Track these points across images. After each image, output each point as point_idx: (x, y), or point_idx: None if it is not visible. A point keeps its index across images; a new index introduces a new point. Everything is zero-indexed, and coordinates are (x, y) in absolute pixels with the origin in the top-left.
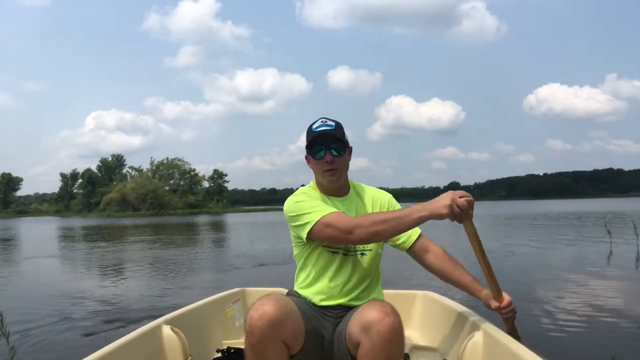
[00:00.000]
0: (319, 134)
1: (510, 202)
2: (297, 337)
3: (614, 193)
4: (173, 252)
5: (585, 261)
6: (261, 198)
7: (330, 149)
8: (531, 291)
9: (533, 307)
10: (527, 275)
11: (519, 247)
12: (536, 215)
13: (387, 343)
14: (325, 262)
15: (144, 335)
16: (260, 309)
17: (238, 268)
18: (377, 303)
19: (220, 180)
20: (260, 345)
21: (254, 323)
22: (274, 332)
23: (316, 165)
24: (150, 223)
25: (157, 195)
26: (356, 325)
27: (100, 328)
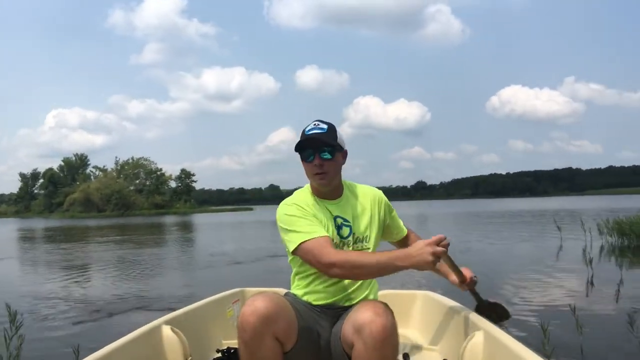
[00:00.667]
0: (308, 137)
1: (475, 200)
2: (289, 332)
3: (573, 192)
4: (145, 252)
5: (536, 255)
6: (229, 198)
7: (319, 153)
8: (486, 282)
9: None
10: (482, 267)
11: (477, 242)
12: (498, 213)
13: (380, 344)
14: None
15: (144, 335)
16: (252, 305)
17: (212, 267)
18: (370, 303)
19: (187, 180)
20: (253, 341)
21: (246, 319)
22: (266, 328)
23: (307, 168)
24: (116, 224)
25: (122, 195)
26: (350, 326)
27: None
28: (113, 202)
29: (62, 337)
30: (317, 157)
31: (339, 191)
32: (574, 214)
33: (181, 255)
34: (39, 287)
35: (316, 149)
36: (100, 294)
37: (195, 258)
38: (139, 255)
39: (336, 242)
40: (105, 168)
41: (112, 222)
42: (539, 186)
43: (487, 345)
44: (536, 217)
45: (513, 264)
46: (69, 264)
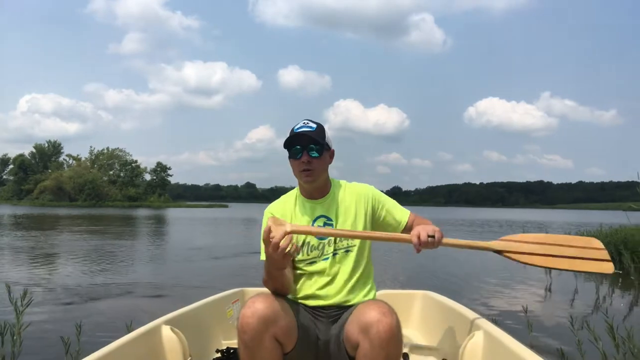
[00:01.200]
0: (297, 134)
1: (448, 208)
2: (289, 334)
3: (543, 204)
4: (119, 243)
5: (502, 264)
6: (204, 194)
7: (308, 150)
8: (454, 286)
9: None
10: (450, 273)
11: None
12: (468, 221)
13: (386, 343)
14: (308, 272)
15: (144, 335)
16: (252, 306)
17: (191, 261)
18: (375, 303)
19: (163, 173)
20: (253, 342)
21: (246, 320)
22: (266, 329)
23: (294, 165)
24: (88, 214)
25: (95, 185)
26: (354, 326)
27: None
28: (86, 192)
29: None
30: (305, 154)
31: (325, 190)
32: (542, 227)
33: (154, 249)
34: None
35: (304, 146)
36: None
37: (168, 252)
38: (113, 246)
39: (313, 244)
40: (79, 157)
41: (84, 212)
42: (510, 197)
43: (487, 344)
44: (505, 228)
45: (480, 271)
46: (42, 252)
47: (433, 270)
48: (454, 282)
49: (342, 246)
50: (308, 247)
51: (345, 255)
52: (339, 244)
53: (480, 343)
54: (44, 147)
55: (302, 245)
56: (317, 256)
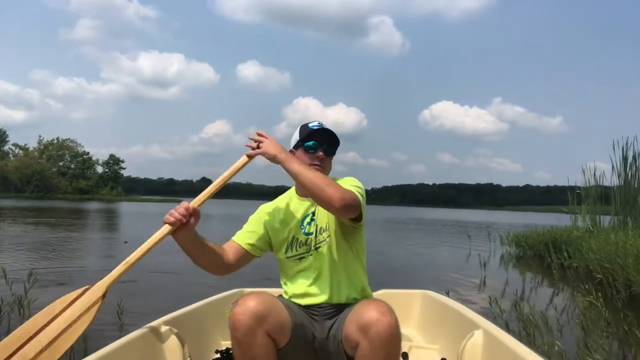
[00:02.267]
0: (317, 130)
1: (402, 207)
2: (282, 330)
3: (492, 206)
4: (67, 236)
5: (446, 257)
6: (157, 188)
7: (324, 148)
8: (402, 276)
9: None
10: (399, 266)
11: (397, 246)
12: (420, 220)
13: (386, 343)
14: (298, 268)
15: (143, 336)
16: (243, 304)
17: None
18: (374, 303)
19: (116, 166)
20: (246, 339)
21: (237, 317)
22: (258, 325)
23: (305, 158)
24: (37, 206)
25: (44, 177)
26: (353, 326)
27: None
28: (33, 184)
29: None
30: (321, 150)
31: None
32: (488, 227)
33: (102, 242)
34: None
35: (321, 143)
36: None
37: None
38: (61, 238)
39: (301, 240)
40: (26, 146)
41: (32, 204)
42: (461, 198)
43: (486, 344)
44: (455, 227)
45: (427, 264)
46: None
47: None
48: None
49: (321, 239)
50: (297, 243)
51: (326, 248)
52: (319, 237)
53: (479, 342)
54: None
55: (291, 242)
56: (305, 252)
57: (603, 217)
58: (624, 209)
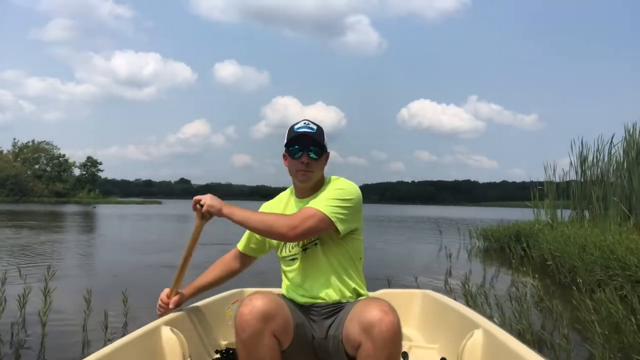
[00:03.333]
0: (299, 134)
1: (381, 205)
2: (286, 330)
3: (469, 202)
4: (46, 239)
5: (420, 251)
6: (135, 189)
7: (308, 151)
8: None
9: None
10: (375, 260)
11: (377, 242)
12: (397, 218)
13: (389, 342)
14: (292, 267)
15: (143, 336)
16: (249, 304)
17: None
18: (376, 302)
19: (93, 168)
20: (252, 340)
21: (244, 318)
22: (265, 326)
23: (292, 164)
24: (13, 210)
25: (19, 180)
26: (355, 325)
27: None
28: (8, 187)
29: None
30: (305, 154)
31: (316, 188)
32: (461, 222)
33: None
34: None
35: (305, 147)
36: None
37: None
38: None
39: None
40: (0, 150)
41: (7, 207)
42: (440, 195)
43: (486, 343)
44: (429, 223)
45: (401, 257)
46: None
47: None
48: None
49: (308, 242)
50: (289, 244)
51: (314, 249)
52: (308, 239)
53: (479, 342)
54: None
55: (285, 243)
56: (296, 253)
57: (565, 211)
58: (580, 203)
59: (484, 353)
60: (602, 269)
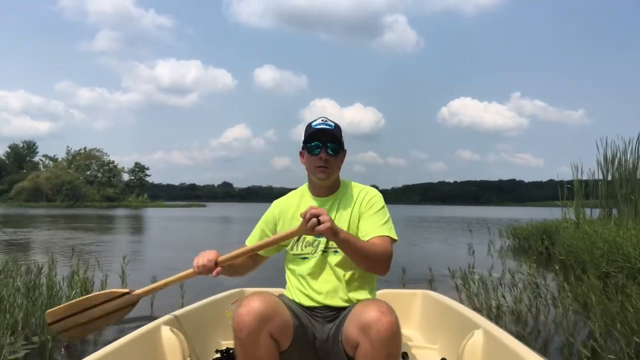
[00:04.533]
0: (318, 130)
1: (422, 206)
2: (285, 331)
3: (514, 202)
4: (103, 239)
5: (446, 250)
6: (180, 193)
7: (326, 148)
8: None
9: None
10: (418, 259)
11: (420, 241)
12: (438, 218)
13: (387, 342)
14: (301, 266)
15: (143, 336)
16: (247, 305)
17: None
18: (374, 302)
19: (141, 173)
20: (250, 340)
21: (242, 318)
22: (262, 327)
23: (310, 160)
24: (69, 214)
25: (73, 186)
26: (354, 326)
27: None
28: (63, 193)
29: None
30: (324, 151)
31: (333, 189)
32: (500, 222)
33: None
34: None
35: (323, 143)
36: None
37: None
38: (96, 241)
39: (308, 240)
40: (55, 157)
41: (64, 212)
42: (483, 195)
43: (486, 343)
44: (462, 224)
45: (425, 255)
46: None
47: None
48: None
49: (331, 246)
50: (303, 242)
51: (333, 255)
52: (330, 242)
53: (479, 342)
54: (19, 147)
55: (297, 240)
56: (310, 253)
57: (595, 210)
58: (607, 202)
59: (484, 353)
60: (607, 262)
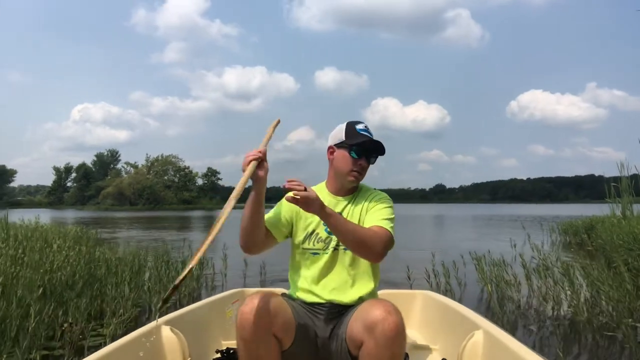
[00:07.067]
0: (369, 139)
1: (493, 205)
2: (287, 330)
3: (594, 199)
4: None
5: (499, 245)
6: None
7: (369, 157)
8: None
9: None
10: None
11: (475, 241)
12: (502, 217)
13: (391, 342)
14: (310, 262)
15: (144, 335)
16: (250, 303)
17: None
18: (380, 302)
19: (213, 177)
20: (252, 339)
21: (245, 317)
22: (265, 325)
23: (347, 162)
24: (152, 216)
25: (153, 191)
26: (359, 325)
27: None
28: (145, 197)
29: None
30: (364, 159)
31: (353, 189)
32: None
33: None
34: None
35: (369, 152)
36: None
37: None
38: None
39: (321, 236)
40: (136, 164)
41: (147, 214)
42: (559, 192)
43: (486, 344)
44: (519, 222)
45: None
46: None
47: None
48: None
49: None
50: (316, 237)
51: (344, 253)
52: None
53: (479, 343)
54: (103, 155)
55: (310, 235)
56: (321, 248)
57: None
58: None
59: (484, 354)
60: (625, 250)
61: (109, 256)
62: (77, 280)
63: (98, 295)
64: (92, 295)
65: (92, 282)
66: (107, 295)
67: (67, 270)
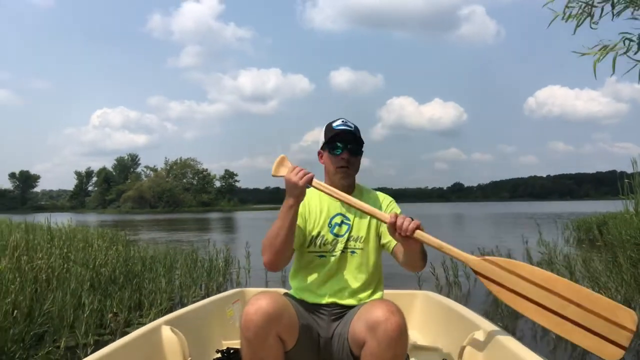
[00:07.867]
0: (340, 131)
1: (512, 203)
2: (291, 331)
3: (615, 196)
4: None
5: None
6: (265, 197)
7: (348, 148)
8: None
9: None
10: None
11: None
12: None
13: (394, 342)
14: (315, 264)
15: (144, 335)
16: (255, 303)
17: None
18: (382, 302)
19: (230, 179)
20: (257, 339)
21: (250, 317)
22: (270, 326)
23: (331, 160)
24: (174, 218)
25: (172, 194)
26: (361, 324)
27: None
28: (164, 200)
29: None
30: (346, 151)
31: (350, 190)
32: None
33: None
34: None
35: (345, 143)
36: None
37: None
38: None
39: (327, 239)
40: (155, 168)
41: (167, 217)
42: (580, 189)
43: (487, 344)
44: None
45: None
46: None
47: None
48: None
49: (350, 246)
50: (321, 240)
51: (351, 256)
52: (350, 243)
53: (480, 343)
54: (124, 159)
55: (315, 237)
56: (327, 251)
57: None
58: None
59: (485, 354)
60: (632, 245)
61: (144, 254)
62: (118, 276)
63: (137, 289)
64: (131, 289)
65: (130, 277)
66: (144, 289)
67: (108, 266)
